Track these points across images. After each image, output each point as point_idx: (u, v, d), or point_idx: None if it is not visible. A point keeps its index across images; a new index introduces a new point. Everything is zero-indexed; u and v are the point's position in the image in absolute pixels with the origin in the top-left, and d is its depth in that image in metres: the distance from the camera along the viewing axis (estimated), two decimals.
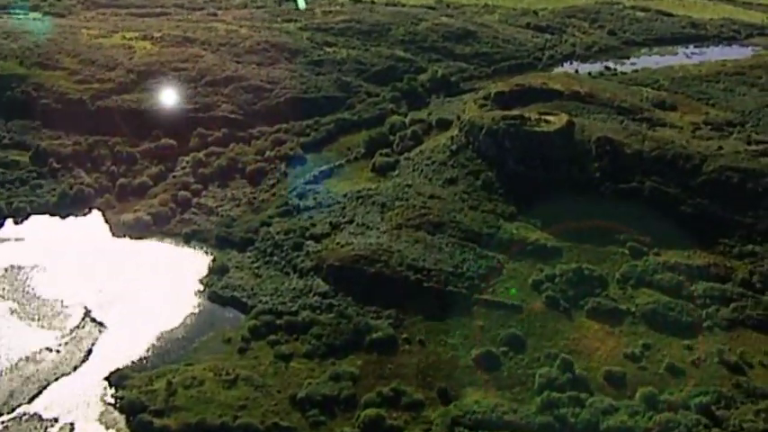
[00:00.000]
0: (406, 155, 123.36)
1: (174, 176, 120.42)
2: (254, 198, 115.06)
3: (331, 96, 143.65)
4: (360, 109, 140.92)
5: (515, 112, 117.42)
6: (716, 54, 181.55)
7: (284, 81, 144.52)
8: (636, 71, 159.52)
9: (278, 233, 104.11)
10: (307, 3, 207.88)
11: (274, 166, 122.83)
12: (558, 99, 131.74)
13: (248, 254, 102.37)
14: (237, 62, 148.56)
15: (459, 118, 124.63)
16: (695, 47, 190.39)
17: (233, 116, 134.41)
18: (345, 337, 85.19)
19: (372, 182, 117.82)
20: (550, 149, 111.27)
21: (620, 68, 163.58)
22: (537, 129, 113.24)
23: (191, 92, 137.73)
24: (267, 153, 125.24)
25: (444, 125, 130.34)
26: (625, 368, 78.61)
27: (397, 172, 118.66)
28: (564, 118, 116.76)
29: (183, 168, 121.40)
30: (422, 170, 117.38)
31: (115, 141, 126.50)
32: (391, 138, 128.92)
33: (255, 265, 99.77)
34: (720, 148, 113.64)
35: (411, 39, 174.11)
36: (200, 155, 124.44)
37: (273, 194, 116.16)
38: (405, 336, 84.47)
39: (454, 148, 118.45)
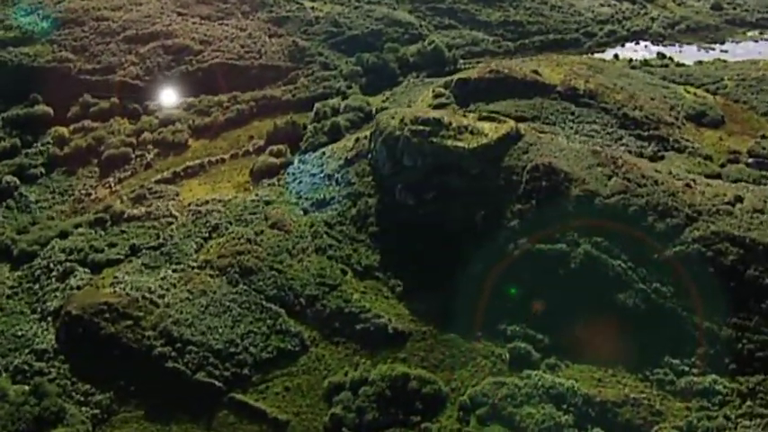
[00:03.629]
0: (302, 156, 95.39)
1: (24, 153, 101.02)
2: (87, 195, 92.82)
3: (272, 66, 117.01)
4: (300, 85, 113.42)
5: (434, 114, 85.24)
6: None
7: (220, 42, 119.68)
8: (701, 63, 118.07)
9: (63, 251, 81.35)
10: None
11: (142, 153, 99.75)
12: (544, 96, 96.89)
13: (19, 273, 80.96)
14: (180, 14, 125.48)
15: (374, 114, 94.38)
16: None
17: (134, 82, 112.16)
18: (21, 427, 61.96)
19: (239, 190, 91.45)
20: (458, 176, 78.79)
21: (684, 57, 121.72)
22: (449, 143, 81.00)
23: (99, 48, 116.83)
24: (144, 134, 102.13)
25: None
26: None
27: (273, 180, 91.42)
28: (507, 127, 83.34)
29: (35, 146, 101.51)
30: (301, 182, 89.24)
31: None
32: (302, 131, 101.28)
33: (10, 292, 78.12)
34: (735, 200, 75.62)
35: None
36: (67, 129, 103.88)
37: (113, 192, 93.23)
38: None
39: (350, 156, 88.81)
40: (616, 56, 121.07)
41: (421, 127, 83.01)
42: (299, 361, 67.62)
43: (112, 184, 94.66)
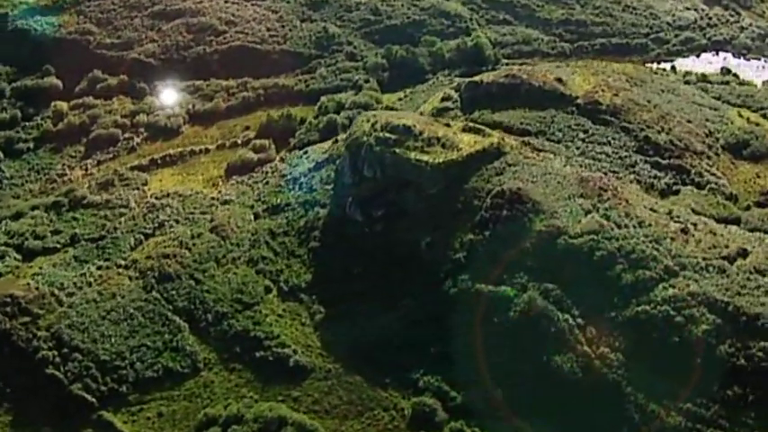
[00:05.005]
0: (283, 155, 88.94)
1: (22, 126, 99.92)
2: (61, 176, 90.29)
3: (294, 52, 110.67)
4: (318, 75, 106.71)
5: (405, 121, 76.35)
6: None
7: (247, 24, 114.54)
8: None
9: (6, 233, 79.15)
10: None
11: (131, 136, 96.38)
12: (560, 108, 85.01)
13: None
14: None
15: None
16: None
17: (147, 60, 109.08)
18: None
19: (207, 185, 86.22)
20: (413, 194, 70.20)
21: (757, 74, 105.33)
22: (413, 155, 72.13)
23: (123, 22, 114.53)
24: (139, 116, 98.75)
25: None
26: None
27: (244, 177, 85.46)
28: (486, 143, 73.54)
29: (34, 119, 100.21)
30: (267, 182, 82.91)
31: None
32: (299, 125, 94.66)
33: None
34: (736, 255, 62.77)
35: None
36: (67, 104, 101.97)
37: (87, 175, 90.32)
38: None
39: (321, 159, 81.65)
40: (673, 67, 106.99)
41: (388, 135, 74.98)
42: (185, 385, 61.98)
43: (89, 167, 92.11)
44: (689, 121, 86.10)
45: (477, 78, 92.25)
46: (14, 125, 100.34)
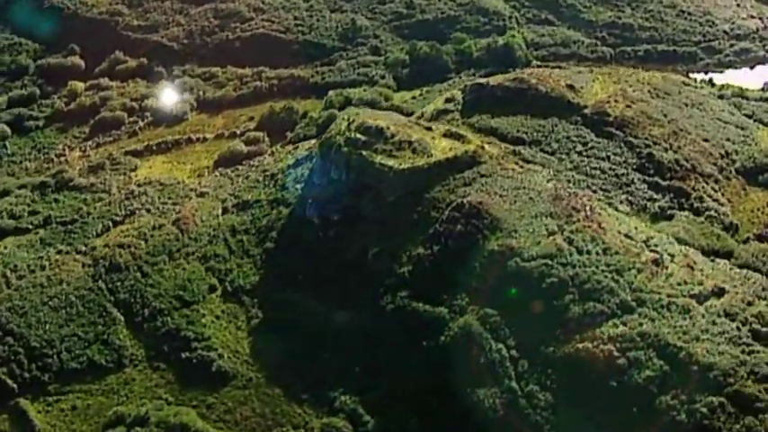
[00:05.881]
0: (274, 149, 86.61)
1: (38, 104, 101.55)
2: (59, 156, 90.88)
3: (316, 43, 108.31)
4: (336, 68, 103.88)
5: (380, 123, 72.36)
6: None
7: (275, 12, 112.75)
8: None
9: None
10: None
11: (135, 120, 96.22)
12: (564, 117, 79.02)
13: None
14: None
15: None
16: None
17: (169, 44, 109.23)
18: None
19: (192, 175, 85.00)
20: (371, 200, 66.45)
21: None
22: (378, 159, 68.28)
23: (153, 4, 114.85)
24: (147, 101, 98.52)
25: None
26: None
27: (228, 169, 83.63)
28: (459, 151, 68.92)
29: (52, 97, 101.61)
30: (248, 176, 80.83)
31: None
32: (301, 119, 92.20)
33: None
34: (710, 294, 56.35)
35: None
36: (83, 84, 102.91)
37: (83, 157, 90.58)
38: None
39: (301, 157, 78.84)
40: (711, 80, 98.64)
41: (359, 136, 71.76)
42: (106, 380, 60.75)
43: (88, 149, 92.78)
44: (705, 140, 78.84)
45: (483, 80, 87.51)
46: (31, 102, 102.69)
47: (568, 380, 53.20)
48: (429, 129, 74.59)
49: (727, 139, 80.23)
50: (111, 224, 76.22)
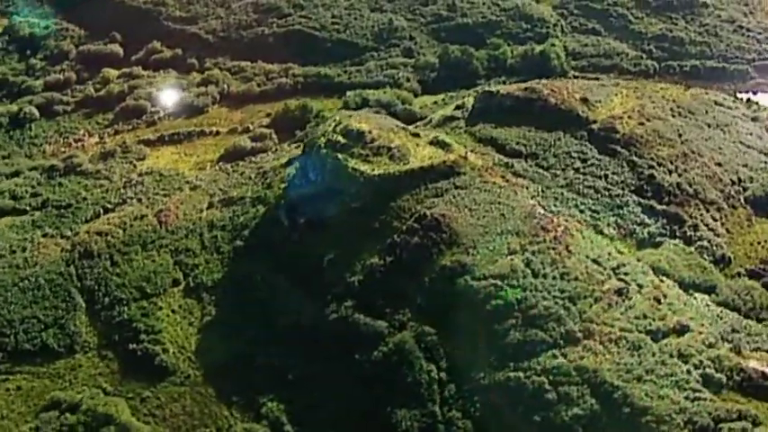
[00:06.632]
0: (279, 147, 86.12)
1: (73, 89, 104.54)
2: (78, 140, 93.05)
3: (349, 42, 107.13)
4: (364, 69, 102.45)
5: (362, 126, 70.37)
6: None
7: (314, 9, 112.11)
8: None
9: None
10: None
11: (157, 110, 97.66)
12: (570, 131, 75.07)
13: None
14: None
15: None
16: None
17: (206, 37, 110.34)
18: None
19: (195, 168, 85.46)
20: (336, 205, 64.71)
21: None
22: (351, 163, 66.51)
23: None
24: (156, 93, 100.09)
25: (409, 121, 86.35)
26: None
27: (229, 164, 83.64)
28: (437, 160, 66.36)
29: (87, 83, 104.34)
30: (243, 172, 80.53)
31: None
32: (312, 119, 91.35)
33: None
34: (670, 331, 52.06)
35: None
36: (115, 72, 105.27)
37: (99, 143, 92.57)
38: None
39: (293, 156, 77.70)
40: (749, 100, 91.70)
41: (341, 138, 70.34)
42: (55, 364, 61.74)
43: (106, 135, 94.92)
44: (718, 164, 73.53)
45: (493, 89, 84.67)
46: (66, 87, 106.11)
47: (491, 410, 50.75)
48: (416, 135, 72.67)
49: (744, 165, 74.56)
50: (101, 211, 77.81)
